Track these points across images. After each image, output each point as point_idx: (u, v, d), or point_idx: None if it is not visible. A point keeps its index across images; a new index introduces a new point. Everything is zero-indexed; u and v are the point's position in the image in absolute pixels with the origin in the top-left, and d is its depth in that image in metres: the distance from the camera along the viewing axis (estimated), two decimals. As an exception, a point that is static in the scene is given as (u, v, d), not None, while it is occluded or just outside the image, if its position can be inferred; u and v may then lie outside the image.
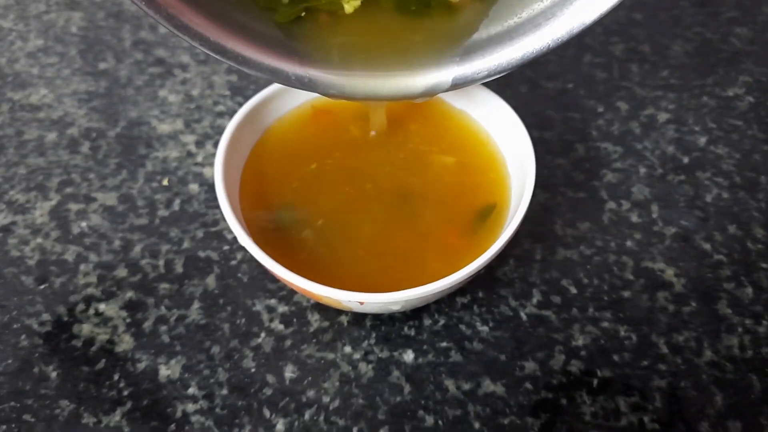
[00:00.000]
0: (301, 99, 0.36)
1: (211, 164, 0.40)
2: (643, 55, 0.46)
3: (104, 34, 0.49)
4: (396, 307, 0.29)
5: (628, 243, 0.36)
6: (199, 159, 0.41)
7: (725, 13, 0.48)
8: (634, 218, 0.37)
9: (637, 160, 0.40)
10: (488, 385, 0.31)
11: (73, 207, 0.39)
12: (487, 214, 0.32)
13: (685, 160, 0.40)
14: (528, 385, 0.31)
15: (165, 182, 0.39)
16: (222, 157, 0.32)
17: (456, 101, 0.36)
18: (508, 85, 0.44)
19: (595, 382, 0.31)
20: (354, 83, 0.28)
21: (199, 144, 0.41)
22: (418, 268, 0.30)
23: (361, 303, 0.28)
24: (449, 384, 0.32)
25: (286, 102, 0.36)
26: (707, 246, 0.36)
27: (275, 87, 0.35)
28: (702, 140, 0.41)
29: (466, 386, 0.31)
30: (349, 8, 0.28)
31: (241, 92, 0.44)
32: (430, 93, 0.29)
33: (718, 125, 0.41)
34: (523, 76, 0.45)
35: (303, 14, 0.28)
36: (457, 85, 0.28)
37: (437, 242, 0.31)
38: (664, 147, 0.40)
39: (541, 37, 0.27)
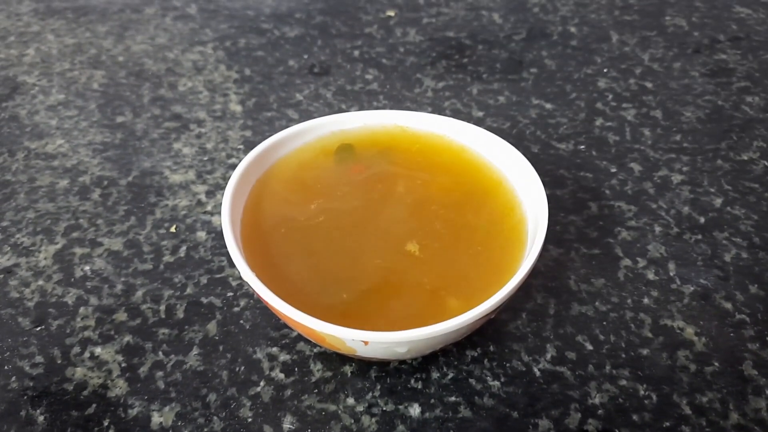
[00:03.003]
0: (304, 140, 0.36)
1: (221, 213, 0.39)
2: (655, 120, 0.46)
3: (124, 91, 0.50)
4: (402, 350, 0.27)
5: (645, 300, 0.35)
6: (209, 208, 0.40)
7: (736, 83, 0.49)
8: (651, 276, 0.36)
9: (652, 219, 0.39)
10: (499, 443, 0.30)
11: (78, 251, 0.38)
12: None
13: (702, 220, 0.39)
14: (542, 444, 0.29)
15: (173, 229, 0.39)
16: (230, 194, 0.32)
17: (476, 147, 0.36)
18: (519, 145, 0.44)
19: (614, 442, 0.29)
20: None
21: (210, 194, 0.41)
22: (426, 312, 0.29)
23: (366, 343, 0.26)
24: (457, 440, 0.30)
25: (291, 144, 0.36)
26: (728, 305, 0.35)
27: (285, 132, 0.35)
28: (718, 201, 0.40)
29: (476, 443, 0.30)
30: None
31: (254, 146, 0.44)
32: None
33: (734, 187, 0.41)
34: (534, 137, 0.45)
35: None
36: None
37: (447, 287, 0.30)
38: (679, 207, 0.40)
39: None
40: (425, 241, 0.32)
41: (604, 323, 0.34)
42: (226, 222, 0.30)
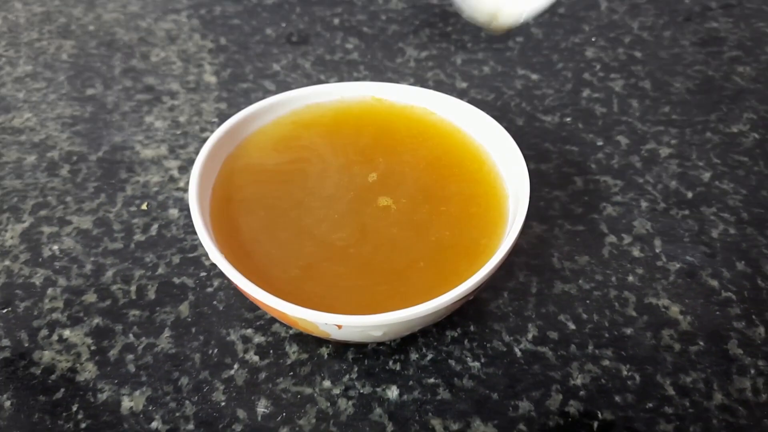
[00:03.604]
0: (278, 113, 0.34)
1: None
2: (643, 91, 0.45)
3: (94, 62, 0.48)
4: (377, 333, 0.27)
5: (630, 278, 0.34)
6: (182, 184, 0.39)
7: (727, 53, 0.48)
8: (636, 252, 0.35)
9: (638, 194, 0.38)
10: (478, 426, 0.29)
11: (46, 230, 0.37)
12: None
13: (689, 194, 0.38)
14: (522, 427, 0.29)
15: (144, 207, 0.38)
16: (198, 172, 0.30)
17: (456, 120, 0.35)
18: (503, 117, 0.43)
19: (596, 424, 0.29)
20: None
21: (183, 169, 0.40)
22: (405, 295, 0.28)
23: (339, 327, 0.26)
24: (436, 424, 0.29)
25: (265, 117, 0.34)
26: (714, 283, 0.34)
27: (255, 106, 0.33)
28: (706, 175, 0.39)
29: (455, 426, 0.29)
30: None
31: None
32: None
33: (723, 161, 0.40)
34: (519, 109, 0.43)
35: None
36: None
37: (424, 267, 0.29)
38: (666, 181, 0.39)
39: None
40: (401, 219, 0.31)
41: (588, 302, 0.33)
42: (193, 200, 0.29)
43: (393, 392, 0.30)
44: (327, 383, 0.30)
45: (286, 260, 0.29)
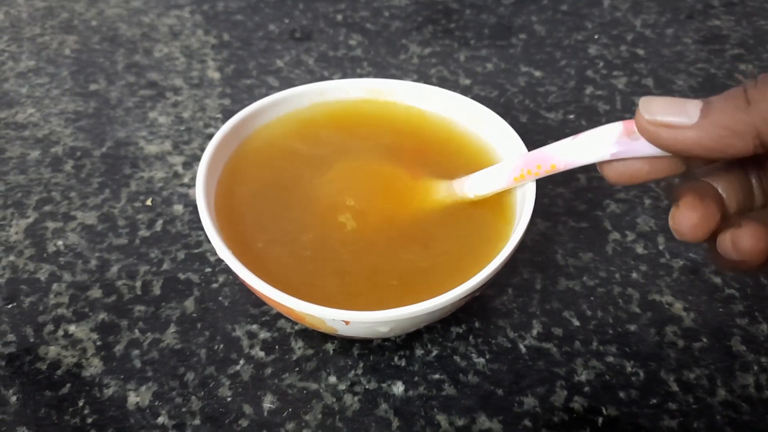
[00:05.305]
0: (283, 109, 0.34)
1: (198, 185, 0.38)
2: (646, 88, 0.45)
3: (97, 57, 0.48)
4: (384, 329, 0.27)
5: (634, 275, 0.34)
6: (186, 180, 0.39)
7: (729, 51, 0.48)
8: (640, 249, 0.35)
9: (641, 191, 0.38)
10: (483, 422, 0.29)
11: (51, 225, 0.37)
12: None
13: (692, 192, 0.38)
14: (527, 423, 0.29)
15: (148, 202, 0.38)
16: (205, 168, 0.30)
17: (462, 117, 0.35)
18: (507, 114, 0.43)
19: (600, 420, 0.29)
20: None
21: (187, 165, 0.40)
22: (411, 291, 0.28)
23: (347, 322, 0.26)
24: (441, 419, 0.29)
25: (270, 113, 0.34)
26: (718, 280, 0.34)
27: (260, 103, 0.33)
28: (709, 173, 0.39)
29: (460, 422, 0.29)
30: None
31: (233, 115, 0.43)
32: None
33: (726, 158, 0.40)
34: (522, 106, 0.43)
35: None
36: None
37: (430, 264, 0.29)
38: (670, 179, 0.39)
39: None
40: (410, 216, 0.31)
41: (592, 298, 0.33)
42: (200, 197, 0.29)
43: (398, 388, 0.30)
44: (333, 379, 0.30)
45: (290, 256, 0.29)
